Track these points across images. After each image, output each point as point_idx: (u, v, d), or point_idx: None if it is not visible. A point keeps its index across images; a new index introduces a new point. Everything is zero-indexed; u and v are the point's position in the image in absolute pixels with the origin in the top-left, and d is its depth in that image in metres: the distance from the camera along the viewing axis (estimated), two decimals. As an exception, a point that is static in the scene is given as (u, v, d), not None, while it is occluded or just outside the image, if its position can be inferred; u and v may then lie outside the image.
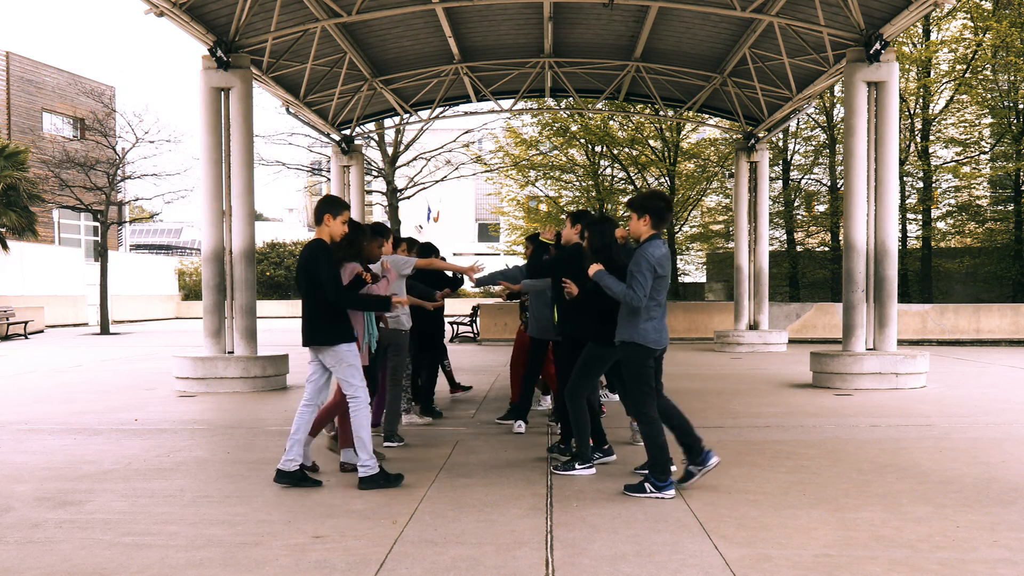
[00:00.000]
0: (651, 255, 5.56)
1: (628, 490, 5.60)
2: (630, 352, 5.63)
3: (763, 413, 9.29)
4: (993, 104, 26.87)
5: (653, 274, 5.54)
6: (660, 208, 5.67)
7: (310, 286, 5.81)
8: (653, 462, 5.59)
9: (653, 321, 5.62)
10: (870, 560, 4.26)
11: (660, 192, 5.91)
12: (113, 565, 4.25)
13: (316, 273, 5.74)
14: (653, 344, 5.61)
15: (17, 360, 17.22)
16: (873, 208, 12.03)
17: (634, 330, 5.60)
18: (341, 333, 5.82)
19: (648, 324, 5.60)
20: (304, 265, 5.80)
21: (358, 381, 5.80)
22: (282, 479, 5.86)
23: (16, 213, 27.38)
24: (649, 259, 5.55)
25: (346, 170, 19.53)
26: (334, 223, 5.90)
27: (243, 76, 12.15)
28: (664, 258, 5.61)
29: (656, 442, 5.59)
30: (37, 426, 8.64)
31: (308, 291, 5.83)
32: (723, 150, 29.71)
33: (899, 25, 11.87)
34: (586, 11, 15.01)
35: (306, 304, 5.87)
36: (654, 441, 5.59)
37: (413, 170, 33.10)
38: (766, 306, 19.59)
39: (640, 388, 5.64)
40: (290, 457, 5.88)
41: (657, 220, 5.66)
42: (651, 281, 5.54)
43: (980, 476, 6.08)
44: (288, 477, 5.86)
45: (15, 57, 37.51)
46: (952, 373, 13.66)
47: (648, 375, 5.65)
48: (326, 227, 5.89)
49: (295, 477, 5.86)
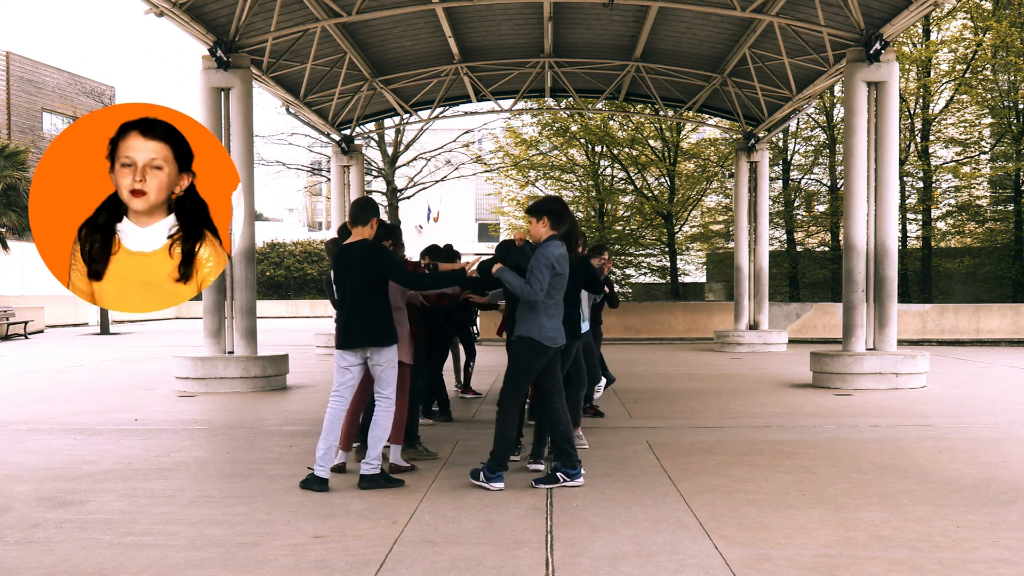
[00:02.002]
0: (550, 253, 5.78)
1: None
2: (523, 347, 5.81)
3: (763, 413, 9.29)
4: (993, 104, 26.86)
5: (551, 271, 5.73)
6: (557, 210, 5.93)
7: (372, 286, 5.80)
8: (495, 453, 5.79)
9: (552, 319, 5.82)
10: (870, 560, 4.26)
11: (556, 196, 6.21)
12: (113, 565, 4.25)
13: (388, 271, 5.80)
14: (548, 341, 5.78)
15: (17, 360, 17.22)
16: (873, 208, 12.03)
17: (531, 325, 5.79)
18: (395, 334, 5.91)
19: (547, 322, 5.79)
20: (369, 265, 5.78)
21: (395, 383, 5.95)
22: (367, 484, 5.79)
23: (16, 213, 27.41)
24: (548, 257, 5.77)
25: (346, 170, 19.54)
26: (374, 226, 5.97)
27: (243, 76, 12.15)
28: (563, 258, 5.81)
29: (505, 434, 5.81)
30: (37, 426, 8.63)
31: (369, 291, 5.80)
32: (723, 150, 29.70)
33: (899, 25, 11.87)
34: (586, 11, 15.01)
35: (366, 305, 5.78)
36: (504, 432, 5.81)
37: (413, 170, 33.09)
38: (766, 306, 19.59)
39: (519, 384, 5.88)
40: (371, 458, 5.83)
41: (556, 221, 5.90)
42: (548, 278, 5.74)
43: (980, 476, 6.08)
44: (371, 480, 5.81)
45: (15, 57, 37.52)
46: (952, 373, 13.67)
47: (532, 375, 5.87)
48: (370, 228, 5.92)
49: (378, 480, 5.82)
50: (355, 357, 5.85)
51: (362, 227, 5.90)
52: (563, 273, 5.84)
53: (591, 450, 7.11)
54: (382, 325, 5.82)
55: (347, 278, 5.83)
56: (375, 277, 5.81)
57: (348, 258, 5.85)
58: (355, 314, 5.80)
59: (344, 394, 5.90)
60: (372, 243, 5.89)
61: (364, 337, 5.79)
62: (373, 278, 5.80)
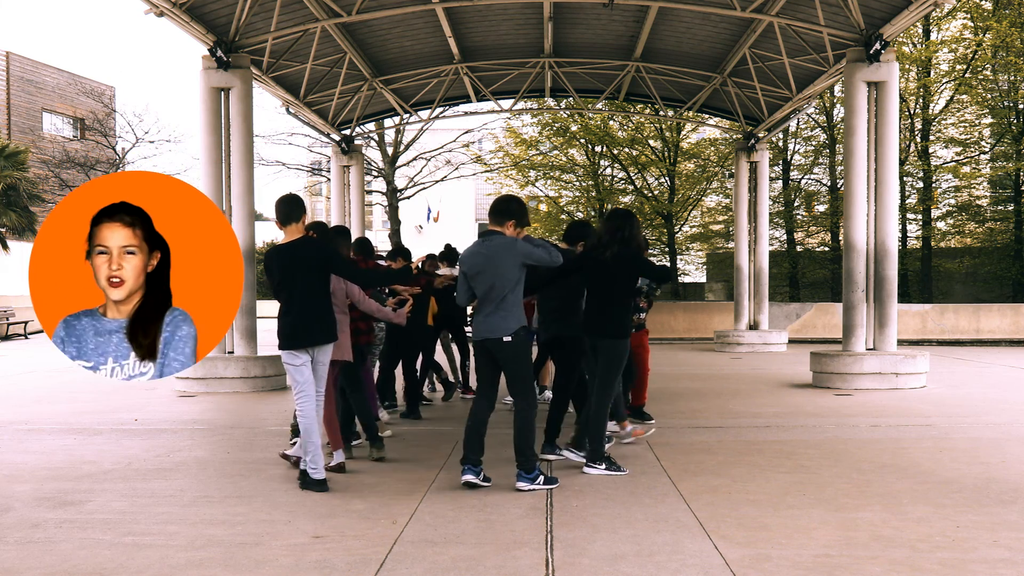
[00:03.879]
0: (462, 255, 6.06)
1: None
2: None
3: (763, 413, 9.29)
4: (993, 104, 26.86)
5: (465, 276, 5.92)
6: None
7: (323, 284, 5.85)
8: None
9: (477, 315, 5.96)
10: (870, 560, 4.26)
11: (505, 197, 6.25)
12: (113, 565, 4.25)
13: (340, 268, 5.87)
14: (474, 335, 5.99)
15: (17, 360, 17.22)
16: (873, 208, 12.03)
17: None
18: (337, 332, 6.02)
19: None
20: (322, 263, 5.81)
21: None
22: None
23: (16, 213, 27.41)
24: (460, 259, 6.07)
25: (346, 170, 19.54)
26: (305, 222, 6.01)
27: (243, 76, 12.15)
28: (470, 255, 5.93)
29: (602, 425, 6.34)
30: (37, 426, 8.64)
31: (320, 289, 5.83)
32: (723, 150, 29.68)
33: (899, 25, 11.87)
34: (586, 11, 15.00)
35: (316, 303, 5.82)
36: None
37: (413, 170, 33.10)
38: (766, 306, 19.58)
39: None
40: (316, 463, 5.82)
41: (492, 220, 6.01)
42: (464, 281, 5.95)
43: (980, 476, 6.08)
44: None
45: (15, 57, 37.50)
46: (952, 373, 13.66)
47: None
48: (302, 225, 5.92)
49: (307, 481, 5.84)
50: (306, 355, 5.86)
51: (295, 224, 5.88)
52: (473, 274, 6.10)
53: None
54: (330, 323, 5.90)
55: (295, 277, 5.80)
56: (325, 275, 5.87)
57: (295, 257, 5.82)
58: (308, 312, 5.80)
59: (308, 391, 5.87)
60: (320, 241, 5.97)
61: (318, 335, 5.82)
62: (324, 276, 5.86)
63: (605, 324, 6.27)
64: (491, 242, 5.84)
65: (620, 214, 6.49)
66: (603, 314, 6.30)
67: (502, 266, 5.75)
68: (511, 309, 5.77)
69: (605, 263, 6.28)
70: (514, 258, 5.76)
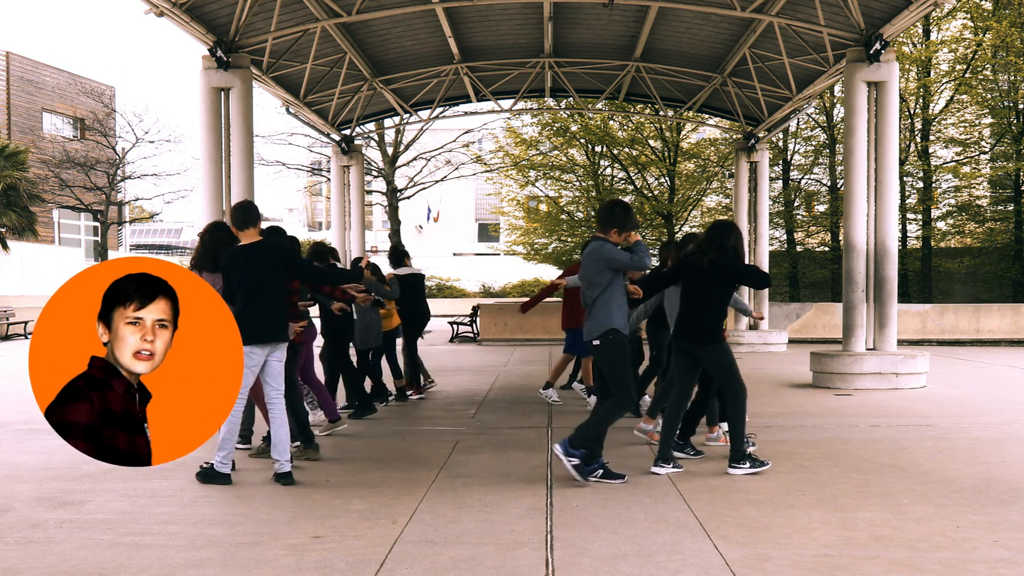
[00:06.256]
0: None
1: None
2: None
3: (763, 413, 9.29)
4: (993, 104, 26.86)
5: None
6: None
7: (283, 283, 6.17)
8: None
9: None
10: (870, 560, 4.26)
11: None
12: (113, 565, 4.25)
13: (300, 268, 6.31)
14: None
15: (17, 360, 17.22)
16: (873, 208, 12.03)
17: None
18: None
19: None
20: (284, 264, 6.12)
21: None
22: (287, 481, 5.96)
23: (16, 213, 27.40)
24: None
25: (346, 170, 19.54)
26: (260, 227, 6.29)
27: (243, 76, 12.14)
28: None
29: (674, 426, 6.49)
30: (37, 426, 8.61)
31: (281, 289, 6.14)
32: (723, 150, 29.68)
33: (899, 25, 11.87)
34: (586, 11, 15.00)
35: (278, 301, 6.11)
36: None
37: (413, 170, 33.11)
38: (766, 306, 19.58)
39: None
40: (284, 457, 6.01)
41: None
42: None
43: (980, 476, 6.08)
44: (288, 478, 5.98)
45: (15, 57, 37.49)
46: (952, 373, 13.66)
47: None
48: (257, 231, 6.18)
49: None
50: (263, 353, 6.01)
51: (252, 229, 6.17)
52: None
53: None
54: (286, 323, 6.21)
55: (262, 277, 6.03)
56: (286, 275, 6.22)
57: (263, 257, 6.06)
58: (269, 311, 6.03)
59: (278, 385, 6.13)
60: (280, 243, 6.36)
61: (280, 333, 6.09)
62: (284, 276, 6.19)
63: (700, 332, 6.37)
64: (587, 249, 6.12)
65: (722, 224, 6.53)
66: (698, 321, 6.38)
67: (589, 271, 6.00)
68: (598, 313, 5.94)
69: (702, 269, 6.33)
70: (598, 263, 5.94)
